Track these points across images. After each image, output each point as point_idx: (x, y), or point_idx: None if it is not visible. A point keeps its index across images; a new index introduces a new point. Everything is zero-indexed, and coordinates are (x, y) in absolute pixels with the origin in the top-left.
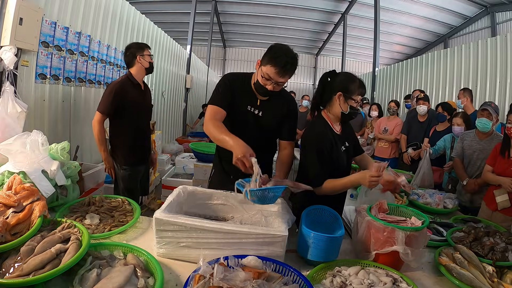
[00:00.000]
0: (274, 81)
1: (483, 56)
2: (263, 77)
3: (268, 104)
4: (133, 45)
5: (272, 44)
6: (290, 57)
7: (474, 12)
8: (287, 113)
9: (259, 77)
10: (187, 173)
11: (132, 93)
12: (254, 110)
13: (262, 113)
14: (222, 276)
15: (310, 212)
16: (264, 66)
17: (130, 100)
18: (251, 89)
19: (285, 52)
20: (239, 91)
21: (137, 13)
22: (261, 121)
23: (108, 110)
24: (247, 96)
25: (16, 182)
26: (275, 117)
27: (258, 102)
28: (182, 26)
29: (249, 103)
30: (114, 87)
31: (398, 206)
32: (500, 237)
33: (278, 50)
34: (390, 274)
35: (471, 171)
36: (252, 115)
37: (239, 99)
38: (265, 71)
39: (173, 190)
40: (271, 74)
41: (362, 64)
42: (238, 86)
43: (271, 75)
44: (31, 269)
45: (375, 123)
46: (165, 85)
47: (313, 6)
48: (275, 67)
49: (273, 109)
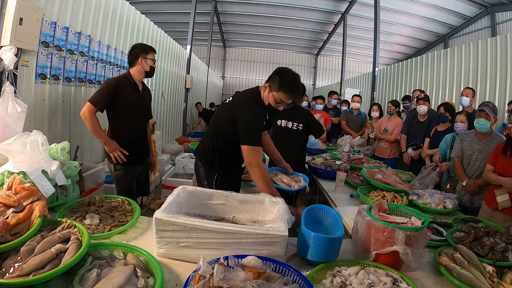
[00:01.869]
0: (285, 103)
1: (483, 56)
2: (276, 102)
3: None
4: (139, 45)
5: (281, 70)
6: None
7: (474, 12)
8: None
9: (271, 101)
10: (187, 173)
11: (127, 91)
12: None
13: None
14: (222, 276)
15: (310, 212)
16: (276, 92)
17: (125, 98)
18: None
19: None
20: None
21: (137, 13)
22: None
23: (99, 103)
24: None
25: (16, 182)
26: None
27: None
28: (182, 26)
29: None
30: (109, 82)
31: (398, 206)
32: (500, 237)
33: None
34: (390, 274)
35: (471, 171)
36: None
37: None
38: (278, 96)
39: (173, 190)
40: (284, 99)
41: (362, 64)
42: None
43: (284, 99)
44: (31, 269)
45: (375, 123)
46: (165, 85)
47: (313, 6)
48: (287, 93)
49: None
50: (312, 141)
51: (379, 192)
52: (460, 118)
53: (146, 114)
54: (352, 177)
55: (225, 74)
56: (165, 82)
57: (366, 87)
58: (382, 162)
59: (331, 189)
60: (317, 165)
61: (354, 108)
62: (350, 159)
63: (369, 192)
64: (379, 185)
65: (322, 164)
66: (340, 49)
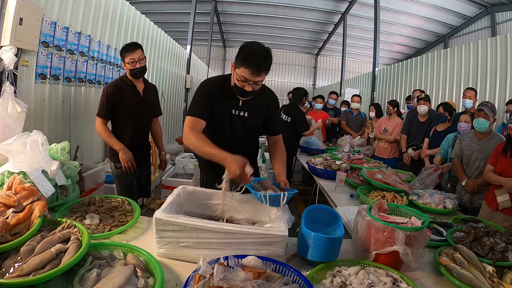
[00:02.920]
0: (251, 81)
1: (483, 56)
2: (239, 80)
3: (250, 102)
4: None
5: (242, 44)
6: (263, 55)
7: (474, 12)
8: (270, 107)
9: (235, 81)
10: (187, 173)
11: (126, 93)
12: (239, 112)
13: (247, 113)
14: (222, 276)
15: (310, 212)
16: (238, 68)
17: (124, 101)
18: (231, 91)
19: (257, 51)
20: (219, 96)
21: (137, 13)
22: (247, 121)
23: (103, 112)
24: (228, 99)
25: (16, 182)
26: (259, 114)
27: (240, 103)
28: (182, 26)
29: (232, 106)
30: (107, 89)
31: (398, 206)
32: (500, 237)
33: (249, 50)
34: (390, 274)
35: (470, 171)
36: (237, 117)
37: (221, 104)
38: (240, 73)
39: (173, 190)
40: (246, 75)
41: (362, 64)
42: (218, 92)
43: (247, 76)
44: (31, 269)
45: (375, 123)
46: (165, 85)
47: (313, 6)
48: (249, 68)
49: (256, 106)
50: (312, 141)
51: (379, 192)
52: (464, 118)
53: (149, 113)
54: (352, 177)
55: None
56: (165, 82)
57: (366, 87)
58: (382, 162)
59: (331, 189)
60: (317, 165)
61: (354, 108)
62: (350, 159)
63: (369, 192)
64: (379, 185)
65: (322, 164)
66: (340, 49)
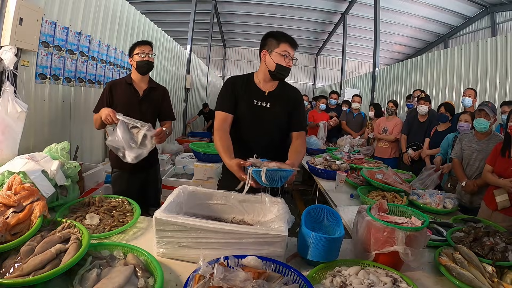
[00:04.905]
0: (291, 55)
1: (483, 56)
2: (282, 55)
3: (275, 94)
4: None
5: (267, 33)
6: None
7: (474, 12)
8: (292, 102)
9: (277, 60)
10: (187, 173)
11: (120, 89)
12: (262, 104)
13: (270, 104)
14: (222, 276)
15: (310, 212)
16: (277, 48)
17: (117, 97)
18: (255, 86)
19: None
20: (243, 90)
21: (137, 13)
22: (271, 113)
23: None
24: (252, 92)
25: (16, 182)
26: (281, 106)
27: (266, 93)
28: (182, 26)
29: (256, 98)
30: (105, 87)
31: (398, 206)
32: (500, 237)
33: (277, 32)
34: (390, 274)
35: (470, 171)
36: (261, 108)
37: (246, 95)
38: (282, 49)
39: (173, 190)
40: (288, 49)
41: (362, 64)
42: (241, 85)
43: (288, 50)
44: (31, 269)
45: (375, 123)
46: (165, 85)
47: (313, 6)
48: (288, 42)
49: (280, 98)
50: (312, 141)
51: (379, 192)
52: (464, 117)
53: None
54: (352, 177)
55: (225, 74)
56: (165, 82)
57: (366, 87)
58: (382, 162)
59: (331, 189)
60: (317, 165)
61: (354, 108)
62: (350, 159)
63: (369, 192)
64: (379, 185)
65: (322, 164)
66: (340, 49)
